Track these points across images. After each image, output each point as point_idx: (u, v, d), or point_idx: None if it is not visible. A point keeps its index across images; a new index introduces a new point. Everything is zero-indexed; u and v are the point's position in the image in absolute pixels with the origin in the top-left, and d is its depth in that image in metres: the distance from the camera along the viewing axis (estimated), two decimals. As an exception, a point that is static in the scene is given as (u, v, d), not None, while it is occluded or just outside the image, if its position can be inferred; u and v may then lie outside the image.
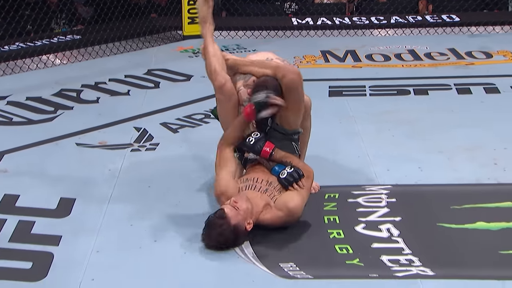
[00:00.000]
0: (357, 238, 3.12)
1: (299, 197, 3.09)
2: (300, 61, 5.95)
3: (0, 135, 4.33)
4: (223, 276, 2.84)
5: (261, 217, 3.07)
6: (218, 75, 3.23)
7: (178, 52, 6.34)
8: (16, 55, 5.78)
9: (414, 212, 3.33)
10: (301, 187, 3.11)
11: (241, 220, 2.97)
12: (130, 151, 4.08)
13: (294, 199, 3.08)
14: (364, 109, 4.72)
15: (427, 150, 4.02)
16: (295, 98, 3.16)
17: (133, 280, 2.83)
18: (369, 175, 3.70)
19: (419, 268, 2.86)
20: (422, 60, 5.94)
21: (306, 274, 2.84)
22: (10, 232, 3.17)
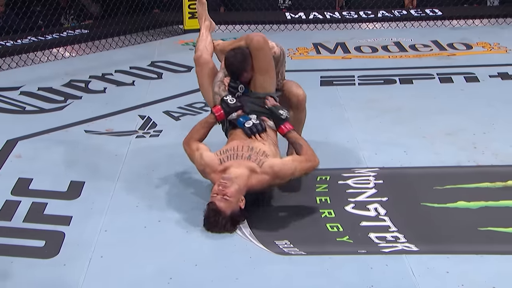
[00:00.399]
0: (347, 217, 3.12)
1: (286, 163, 3.02)
2: (294, 53, 5.92)
3: (13, 123, 4.31)
4: (222, 253, 2.84)
5: (249, 184, 2.99)
6: (197, 51, 3.48)
7: (179, 45, 6.30)
8: (28, 48, 5.74)
9: (400, 192, 3.33)
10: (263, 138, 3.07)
11: (234, 205, 2.92)
12: (135, 137, 4.07)
13: (280, 163, 3.01)
14: (353, 97, 4.71)
15: (411, 135, 4.01)
16: (262, 58, 3.18)
17: (138, 257, 2.83)
18: (358, 159, 3.69)
19: (404, 244, 2.86)
20: (407, 52, 5.92)
21: (300, 250, 2.85)
22: (24, 213, 3.17)
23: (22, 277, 2.66)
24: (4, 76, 5.27)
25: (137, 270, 2.73)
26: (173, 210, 3.16)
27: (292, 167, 3.02)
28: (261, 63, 3.20)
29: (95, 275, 2.69)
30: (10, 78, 5.21)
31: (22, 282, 2.63)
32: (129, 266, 2.76)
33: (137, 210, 3.19)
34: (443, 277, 2.64)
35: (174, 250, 2.87)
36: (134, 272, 2.71)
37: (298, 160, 3.05)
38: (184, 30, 6.73)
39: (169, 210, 3.16)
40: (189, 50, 6.10)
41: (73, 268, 2.73)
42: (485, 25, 6.86)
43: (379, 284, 2.60)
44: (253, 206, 3.20)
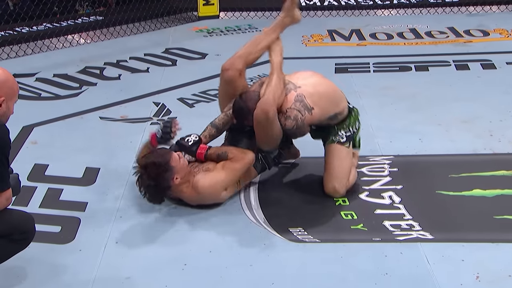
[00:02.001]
0: (361, 205, 3.11)
1: (212, 177, 3.00)
2: (308, 40, 5.89)
3: (29, 109, 4.33)
4: (237, 240, 2.85)
5: (180, 189, 3.01)
6: (231, 59, 3.21)
7: (193, 32, 6.29)
8: (44, 35, 5.76)
9: (415, 180, 3.31)
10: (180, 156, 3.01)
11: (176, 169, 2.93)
12: (150, 124, 4.07)
13: (204, 178, 2.99)
14: (368, 84, 4.68)
15: (427, 123, 3.98)
16: (258, 131, 3.04)
17: (153, 243, 2.84)
18: (373, 146, 3.67)
19: (419, 232, 2.85)
20: (423, 38, 5.87)
21: (314, 238, 2.84)
22: (40, 198, 3.19)
23: (38, 262, 2.68)
24: (20, 63, 5.29)
25: (152, 255, 2.75)
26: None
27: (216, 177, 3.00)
28: (256, 132, 3.07)
29: (110, 261, 2.71)
30: (26, 64, 5.24)
31: (38, 267, 2.66)
32: (144, 252, 2.77)
33: (152, 197, 3.20)
34: (458, 265, 2.63)
35: (189, 237, 2.88)
36: (148, 258, 2.73)
37: (227, 164, 3.04)
38: (199, 17, 6.72)
39: (184, 197, 3.17)
40: (203, 37, 6.10)
41: (89, 254, 2.75)
42: (503, 11, 6.77)
43: (394, 271, 2.59)
44: (267, 193, 3.21)
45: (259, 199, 3.17)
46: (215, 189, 3.02)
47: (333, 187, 3.16)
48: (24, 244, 2.43)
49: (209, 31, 6.26)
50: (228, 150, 3.09)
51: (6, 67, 2.54)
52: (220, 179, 3.03)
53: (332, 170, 3.18)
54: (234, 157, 3.06)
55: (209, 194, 3.02)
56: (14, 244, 2.38)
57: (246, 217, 3.03)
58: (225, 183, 3.05)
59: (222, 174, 3.04)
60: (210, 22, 6.58)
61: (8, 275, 2.58)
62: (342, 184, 3.16)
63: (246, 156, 3.08)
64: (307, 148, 3.42)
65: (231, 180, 3.07)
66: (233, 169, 3.05)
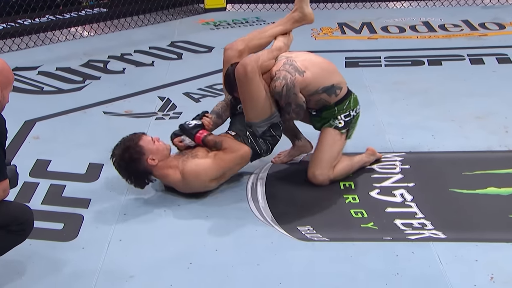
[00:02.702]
0: (371, 202, 3.10)
1: (200, 164, 3.05)
2: (318, 33, 5.88)
3: (31, 103, 4.35)
4: (243, 238, 2.85)
5: (164, 172, 3.07)
6: (234, 41, 3.32)
7: (200, 25, 6.29)
8: (46, 27, 5.77)
9: (427, 178, 3.30)
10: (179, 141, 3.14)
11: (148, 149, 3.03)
12: (155, 119, 4.08)
13: (191, 164, 3.05)
14: (379, 79, 4.67)
15: (440, 118, 3.97)
16: (240, 88, 3.09)
17: (158, 241, 2.85)
18: (384, 143, 3.67)
19: (431, 231, 2.84)
20: (436, 32, 5.84)
21: (323, 236, 2.84)
22: (43, 195, 3.20)
23: (40, 259, 2.70)
24: (22, 56, 5.31)
25: (156, 254, 2.75)
26: (193, 194, 3.16)
27: (204, 165, 3.05)
28: (239, 92, 3.13)
29: (114, 259, 2.72)
30: (28, 57, 5.25)
31: (40, 264, 2.67)
32: (148, 250, 2.78)
33: (157, 194, 3.21)
34: (471, 266, 2.62)
35: (194, 235, 2.89)
36: (153, 256, 2.73)
37: (219, 154, 3.08)
38: (205, 9, 6.72)
39: (189, 194, 3.17)
40: (210, 30, 6.09)
41: (92, 251, 2.76)
42: (519, 4, 6.73)
43: (405, 271, 2.59)
44: (275, 190, 3.21)
45: (266, 196, 3.17)
46: (200, 176, 3.05)
47: (313, 173, 3.20)
48: (23, 235, 2.44)
49: (216, 24, 6.26)
50: (224, 140, 3.12)
51: (8, 60, 2.54)
52: (208, 167, 3.06)
53: (316, 154, 3.22)
54: (228, 148, 3.09)
55: (193, 180, 3.05)
56: (12, 235, 2.40)
57: (253, 214, 3.03)
58: (212, 172, 3.06)
59: (211, 162, 3.06)
60: (216, 14, 6.58)
61: (9, 273, 2.59)
62: (322, 172, 3.18)
63: (240, 149, 3.10)
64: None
65: (218, 170, 3.08)
66: (223, 159, 3.07)
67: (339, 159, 3.24)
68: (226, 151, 3.09)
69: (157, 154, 3.07)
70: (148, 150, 3.06)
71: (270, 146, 3.25)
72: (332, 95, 3.18)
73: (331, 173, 3.21)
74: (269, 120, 3.18)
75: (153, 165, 3.06)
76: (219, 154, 3.09)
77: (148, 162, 3.05)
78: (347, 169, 3.28)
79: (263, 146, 3.21)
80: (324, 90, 3.16)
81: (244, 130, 3.19)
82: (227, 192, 3.21)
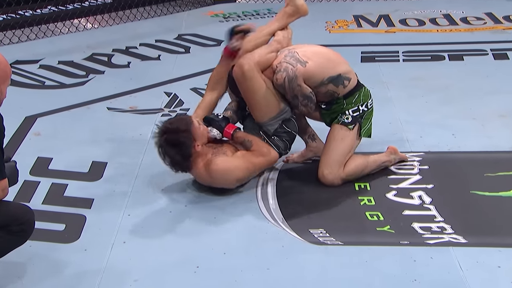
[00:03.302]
0: (388, 205, 3.10)
1: (228, 164, 3.06)
2: (332, 26, 5.86)
3: (32, 98, 4.37)
4: (253, 241, 2.85)
5: (196, 166, 3.08)
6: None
7: (208, 17, 6.29)
8: (48, 18, 5.80)
9: (447, 179, 3.29)
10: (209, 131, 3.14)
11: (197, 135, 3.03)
12: (161, 116, 4.08)
13: (220, 162, 3.06)
14: (397, 74, 4.66)
15: (460, 117, 3.96)
16: (242, 89, 3.12)
17: (163, 244, 2.85)
18: (401, 142, 3.65)
19: (451, 236, 2.83)
20: (457, 25, 5.81)
21: (336, 240, 2.84)
22: (44, 194, 3.22)
23: (40, 262, 2.71)
24: (23, 48, 5.34)
25: (161, 257, 2.76)
26: (200, 195, 3.17)
27: (232, 165, 3.07)
28: (242, 94, 3.16)
29: (118, 262, 2.72)
30: (29, 50, 5.28)
31: (41, 267, 2.68)
32: (153, 253, 2.79)
33: (163, 194, 3.22)
34: (493, 272, 2.60)
35: (202, 237, 2.89)
36: (158, 259, 2.74)
37: (247, 156, 3.10)
38: (214, 1, 6.72)
39: (196, 195, 3.18)
40: (219, 22, 6.10)
41: (95, 254, 2.77)
42: (546, -5, 6.68)
43: (423, 277, 2.58)
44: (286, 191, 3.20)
45: (277, 197, 3.17)
46: (228, 176, 3.08)
47: (322, 172, 3.21)
48: (23, 237, 2.46)
49: (225, 16, 6.26)
50: (254, 141, 3.13)
51: (8, 53, 2.56)
52: (237, 168, 3.08)
53: (324, 152, 3.23)
54: (257, 150, 3.11)
55: (219, 179, 3.08)
56: (13, 236, 2.42)
57: (263, 216, 3.03)
58: (240, 173, 3.08)
59: (239, 163, 3.08)
60: (226, 6, 6.58)
61: (9, 275, 2.61)
62: (332, 171, 3.19)
63: (270, 154, 3.14)
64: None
65: (246, 173, 3.10)
66: (251, 162, 3.10)
67: (351, 158, 3.23)
68: (255, 154, 3.11)
69: (201, 140, 3.09)
70: (196, 136, 3.06)
71: (288, 143, 3.26)
72: (340, 85, 3.18)
73: (342, 172, 3.21)
74: (279, 117, 3.18)
75: (197, 151, 3.07)
76: (247, 155, 3.11)
77: (195, 148, 3.05)
78: (361, 168, 3.27)
79: (280, 144, 3.22)
80: (330, 80, 3.16)
81: (258, 132, 3.20)
82: (236, 193, 3.21)
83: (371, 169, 3.31)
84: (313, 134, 3.44)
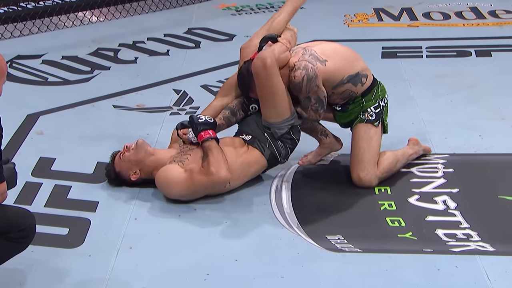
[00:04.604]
0: (410, 210, 3.09)
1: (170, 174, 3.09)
2: (351, 20, 5.85)
3: (35, 95, 4.40)
4: (266, 247, 2.85)
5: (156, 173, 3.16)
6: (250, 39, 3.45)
7: (220, 10, 6.30)
8: (52, 11, 5.82)
9: (473, 183, 3.28)
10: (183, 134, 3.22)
11: (123, 169, 3.21)
12: (169, 114, 4.10)
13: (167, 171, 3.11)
14: (420, 71, 4.65)
15: (488, 117, 3.94)
16: (258, 84, 3.12)
17: (172, 250, 2.86)
18: (425, 143, 3.63)
19: (477, 244, 2.82)
20: (485, 19, 5.79)
21: (355, 247, 2.83)
22: (46, 196, 3.24)
23: (42, 268, 2.72)
24: (25, 43, 5.37)
25: (170, 264, 2.76)
26: (211, 198, 3.18)
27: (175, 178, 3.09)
28: (258, 89, 3.15)
29: (123, 268, 2.73)
30: (31, 45, 5.31)
31: (43, 273, 2.69)
32: (161, 259, 2.79)
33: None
34: (523, 283, 2.59)
35: (212, 243, 2.90)
36: (166, 266, 2.75)
37: (193, 171, 3.07)
38: (226, -8, 6.73)
39: (207, 198, 3.18)
40: (231, 15, 6.10)
41: (99, 260, 2.78)
42: None
43: (447, 288, 2.57)
44: (301, 194, 3.20)
45: (292, 201, 3.18)
46: (169, 189, 3.12)
47: (357, 175, 3.21)
48: (23, 244, 2.47)
49: (238, 9, 6.27)
50: (212, 157, 3.04)
51: (10, 47, 2.57)
52: (177, 183, 3.09)
53: (355, 154, 3.23)
54: (206, 167, 3.04)
55: (161, 187, 3.15)
56: (12, 243, 2.43)
57: (277, 221, 3.03)
58: (179, 189, 3.09)
59: (182, 179, 3.08)
60: (238, -2, 6.60)
61: (9, 282, 2.63)
62: (368, 172, 3.20)
63: (216, 174, 3.01)
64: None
65: (185, 189, 3.08)
66: (192, 179, 3.06)
67: (380, 155, 3.26)
68: (201, 171, 3.05)
69: (134, 167, 3.20)
70: (124, 170, 3.21)
71: (289, 151, 3.26)
72: (358, 84, 3.18)
73: (377, 171, 3.23)
74: (291, 121, 3.19)
75: (137, 177, 3.21)
76: (193, 170, 3.08)
77: (132, 178, 3.22)
78: (393, 163, 3.30)
79: (282, 150, 3.22)
80: (349, 80, 3.16)
81: (262, 133, 3.20)
82: (249, 196, 3.21)
83: (402, 163, 3.35)
84: (324, 130, 3.43)
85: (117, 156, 3.26)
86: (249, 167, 3.20)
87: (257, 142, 3.20)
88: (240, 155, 3.18)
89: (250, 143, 3.21)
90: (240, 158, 3.17)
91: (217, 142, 3.12)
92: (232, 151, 3.17)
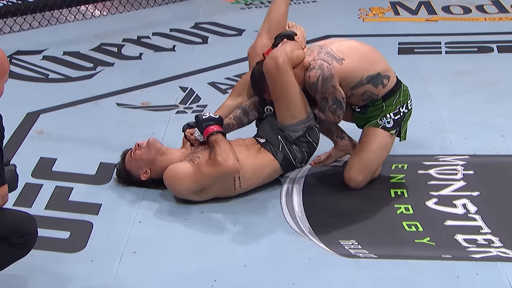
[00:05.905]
0: (428, 214, 3.09)
1: (180, 172, 3.10)
2: (366, 14, 5.84)
3: (35, 93, 4.42)
4: (276, 253, 2.86)
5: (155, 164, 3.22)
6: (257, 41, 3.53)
7: (228, 3, 6.31)
8: (53, 5, 5.83)
9: (495, 186, 3.28)
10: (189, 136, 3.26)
11: (134, 168, 3.24)
12: (175, 113, 4.11)
13: (171, 169, 3.12)
14: (438, 68, 4.64)
15: (511, 116, 3.93)
16: (270, 84, 3.12)
17: (177, 254, 2.87)
18: (443, 144, 3.64)
19: (499, 250, 2.82)
20: (508, 13, 5.77)
21: (370, 253, 2.84)
22: (47, 198, 3.25)
23: (43, 273, 2.74)
24: (25, 38, 5.39)
25: (175, 269, 2.77)
26: (219, 201, 3.19)
27: (183, 173, 3.10)
28: (271, 90, 3.16)
29: (127, 274, 2.74)
30: (32, 40, 5.33)
31: (43, 279, 2.71)
32: (167, 264, 2.80)
33: (177, 199, 3.23)
34: (547, 291, 2.59)
35: (220, 247, 2.90)
36: (172, 272, 2.76)
37: (201, 164, 3.08)
38: (235, -15, 6.73)
39: (214, 201, 3.19)
40: (240, 9, 6.11)
41: (102, 264, 2.79)
42: None
43: (467, 296, 2.57)
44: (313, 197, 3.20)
45: (303, 205, 3.18)
46: (177, 186, 3.13)
47: (354, 176, 3.23)
48: (24, 249, 2.48)
49: (247, 3, 6.27)
50: (217, 148, 3.05)
51: (9, 42, 2.59)
52: (185, 177, 3.09)
53: (359, 155, 3.23)
54: (213, 159, 3.05)
55: (170, 187, 3.16)
56: (13, 249, 2.44)
57: (288, 225, 3.03)
58: (188, 184, 3.09)
59: (190, 173, 3.08)
60: (248, -9, 6.60)
61: None
62: (363, 179, 3.24)
63: (224, 164, 3.01)
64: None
65: (194, 184, 3.09)
66: (201, 172, 3.06)
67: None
68: (208, 163, 3.06)
69: (144, 167, 3.23)
70: (134, 170, 3.24)
71: (306, 155, 3.26)
72: (379, 85, 3.17)
73: (369, 178, 3.27)
74: (306, 123, 3.18)
75: (148, 176, 3.24)
76: (201, 163, 3.09)
77: (142, 178, 3.24)
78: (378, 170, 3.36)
79: (297, 154, 3.22)
80: (369, 80, 3.15)
81: (275, 135, 3.20)
82: (259, 199, 3.22)
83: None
84: (341, 131, 3.42)
85: (128, 154, 3.28)
86: (261, 169, 3.19)
87: (270, 145, 3.20)
88: (251, 155, 3.18)
89: (263, 146, 3.22)
90: (251, 158, 3.17)
91: (223, 136, 3.13)
92: (243, 150, 3.18)
